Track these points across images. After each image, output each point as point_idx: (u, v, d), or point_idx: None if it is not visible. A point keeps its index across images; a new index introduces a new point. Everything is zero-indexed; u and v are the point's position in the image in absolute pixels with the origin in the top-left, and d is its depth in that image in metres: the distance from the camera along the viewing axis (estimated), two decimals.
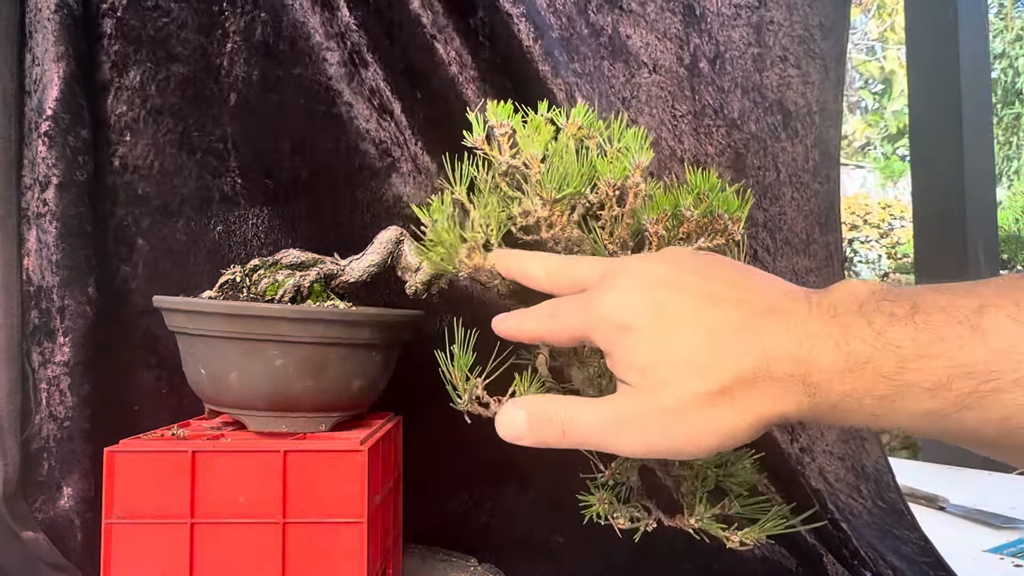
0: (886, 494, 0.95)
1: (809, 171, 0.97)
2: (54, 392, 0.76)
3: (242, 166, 0.87)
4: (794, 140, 0.97)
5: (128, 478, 0.59)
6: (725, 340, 0.37)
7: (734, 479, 0.53)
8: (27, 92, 0.77)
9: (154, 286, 0.83)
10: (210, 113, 0.85)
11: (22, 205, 0.76)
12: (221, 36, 0.86)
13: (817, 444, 0.94)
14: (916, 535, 0.91)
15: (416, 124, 0.90)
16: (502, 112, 0.54)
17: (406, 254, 0.69)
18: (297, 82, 0.88)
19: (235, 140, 0.86)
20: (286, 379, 0.62)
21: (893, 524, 0.92)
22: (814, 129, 0.98)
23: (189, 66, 0.84)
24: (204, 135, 0.85)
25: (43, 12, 0.76)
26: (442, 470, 0.95)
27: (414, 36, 0.84)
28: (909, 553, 0.87)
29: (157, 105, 0.83)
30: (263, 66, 0.87)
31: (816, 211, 0.98)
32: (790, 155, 0.96)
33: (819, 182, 0.98)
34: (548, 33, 0.80)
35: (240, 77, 0.86)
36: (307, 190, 0.90)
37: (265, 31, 0.87)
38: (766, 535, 0.50)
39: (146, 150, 0.82)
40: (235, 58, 0.86)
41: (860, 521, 0.88)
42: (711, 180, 0.51)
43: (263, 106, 0.87)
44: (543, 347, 0.57)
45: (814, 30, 0.99)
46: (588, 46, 0.88)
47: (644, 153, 0.50)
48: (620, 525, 0.54)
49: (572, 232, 0.52)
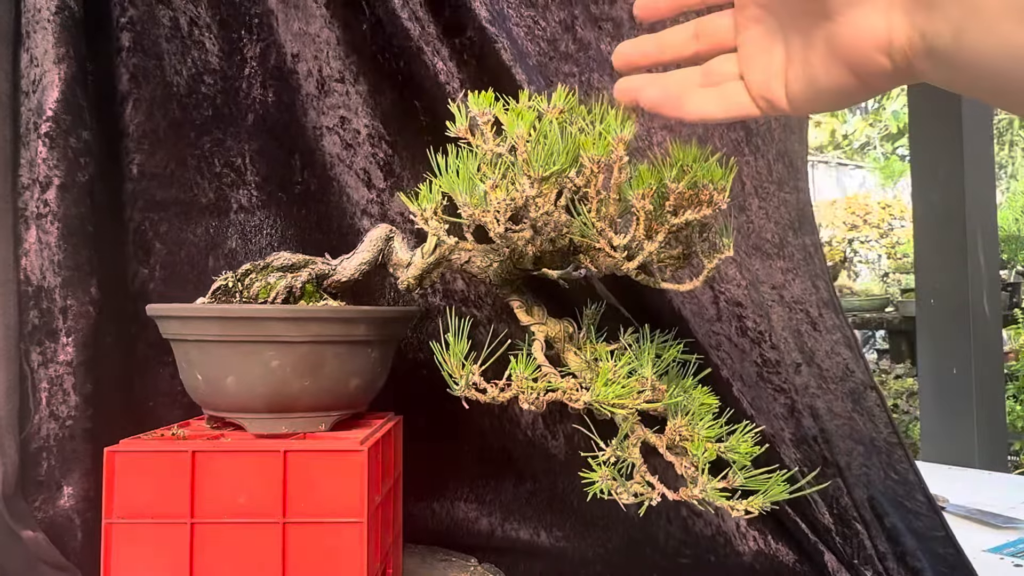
0: (899, 465, 0.96)
1: (774, 182, 1.01)
2: (56, 391, 0.76)
3: (258, 179, 0.91)
4: (756, 155, 1.00)
5: (128, 478, 0.59)
6: None
7: (735, 451, 0.54)
8: (24, 93, 0.77)
9: (171, 288, 0.85)
10: (230, 131, 0.89)
11: (19, 205, 0.76)
12: (240, 61, 0.90)
13: (822, 424, 0.95)
14: (928, 507, 0.92)
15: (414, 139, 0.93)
16: (484, 100, 0.55)
17: (397, 251, 0.69)
18: (306, 102, 0.91)
19: (252, 155, 0.91)
20: (283, 380, 0.62)
21: (905, 496, 0.92)
22: (775, 143, 1.02)
23: (212, 85, 0.88)
24: (223, 150, 0.89)
25: (42, 13, 0.76)
26: (442, 470, 0.95)
27: (405, 52, 0.86)
28: (921, 528, 0.88)
29: (178, 119, 0.86)
30: (277, 89, 0.91)
31: (787, 218, 1.02)
32: (753, 168, 1.00)
33: (786, 192, 1.02)
34: (525, 61, 0.83)
35: (257, 99, 0.91)
36: (316, 200, 0.93)
37: (278, 57, 0.91)
38: (770, 502, 0.51)
39: (165, 159, 0.85)
40: (253, 81, 0.90)
41: (875, 490, 0.89)
42: (693, 151, 0.51)
43: (277, 125, 0.91)
44: (538, 334, 0.57)
45: None
46: (576, 62, 0.90)
47: (626, 128, 0.50)
48: (624, 500, 0.54)
49: (560, 216, 0.53)
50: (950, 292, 2.17)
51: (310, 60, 0.92)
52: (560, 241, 0.55)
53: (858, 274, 5.65)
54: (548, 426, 0.92)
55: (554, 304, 0.66)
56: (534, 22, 0.89)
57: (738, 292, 0.91)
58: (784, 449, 0.86)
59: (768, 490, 0.51)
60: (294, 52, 0.92)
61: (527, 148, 0.50)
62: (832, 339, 0.99)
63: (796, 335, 0.96)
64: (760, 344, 0.91)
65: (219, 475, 0.60)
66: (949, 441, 2.17)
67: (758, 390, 0.90)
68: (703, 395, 0.58)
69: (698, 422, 0.55)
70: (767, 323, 0.92)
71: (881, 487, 0.90)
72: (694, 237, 0.55)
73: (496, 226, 0.51)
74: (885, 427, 0.97)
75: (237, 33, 0.90)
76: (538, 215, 0.51)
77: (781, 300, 0.96)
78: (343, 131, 0.92)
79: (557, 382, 0.54)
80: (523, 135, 0.50)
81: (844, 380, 0.98)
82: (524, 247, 0.55)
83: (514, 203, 0.50)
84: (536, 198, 0.50)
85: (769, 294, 0.95)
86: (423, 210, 0.55)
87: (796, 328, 0.96)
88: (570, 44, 0.90)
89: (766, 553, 0.88)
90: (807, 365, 0.96)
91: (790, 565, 0.87)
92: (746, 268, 0.93)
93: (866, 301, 4.38)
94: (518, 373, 0.53)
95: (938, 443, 2.22)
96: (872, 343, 5.47)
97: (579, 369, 0.55)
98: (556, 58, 0.89)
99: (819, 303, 0.99)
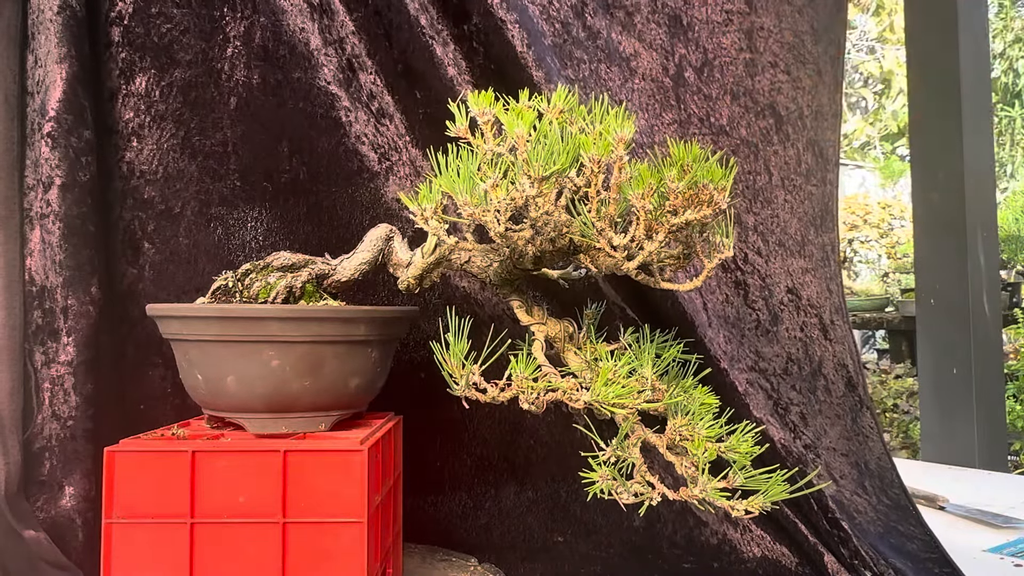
0: (890, 490, 0.95)
1: (802, 174, 0.98)
2: (58, 391, 0.76)
3: (242, 169, 0.88)
4: (786, 144, 0.97)
5: (128, 478, 0.59)
6: None
7: (736, 451, 0.54)
8: (29, 93, 0.77)
9: (160, 288, 0.85)
10: (211, 117, 0.86)
11: (24, 206, 0.77)
12: (222, 41, 0.87)
13: (821, 440, 0.94)
14: (921, 531, 0.91)
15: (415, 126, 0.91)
16: (484, 101, 0.55)
17: (397, 250, 0.69)
18: (296, 86, 0.89)
19: (235, 143, 0.88)
20: (283, 379, 0.62)
21: (898, 520, 0.92)
22: (806, 132, 0.99)
23: (191, 71, 0.85)
24: (205, 139, 0.86)
25: (45, 14, 0.76)
26: (442, 470, 0.95)
27: (412, 38, 0.84)
28: (914, 550, 0.87)
29: (161, 111, 0.84)
30: (263, 70, 0.88)
31: (810, 213, 0.98)
32: (782, 158, 0.97)
33: (813, 184, 0.99)
34: (540, 40, 0.81)
35: (240, 81, 0.88)
36: (306, 191, 0.91)
37: (264, 36, 0.88)
38: (770, 503, 0.51)
39: (151, 155, 0.84)
40: (236, 63, 0.87)
41: (865, 518, 0.88)
42: (693, 151, 0.51)
43: (264, 109, 0.88)
44: (538, 334, 0.57)
45: (804, 35, 1.00)
46: (585, 49, 0.89)
47: (626, 127, 0.50)
48: (624, 500, 0.54)
49: (560, 216, 0.53)
50: (950, 292, 2.17)
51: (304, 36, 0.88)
52: (560, 241, 0.55)
53: (858, 274, 5.64)
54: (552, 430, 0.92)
55: (554, 304, 0.66)
56: (548, 2, 0.88)
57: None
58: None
59: (768, 490, 0.51)
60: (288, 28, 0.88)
61: (527, 148, 0.50)
62: (839, 350, 0.97)
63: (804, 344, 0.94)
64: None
65: (219, 475, 0.60)
66: (949, 441, 2.17)
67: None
68: (703, 395, 0.58)
69: (698, 422, 0.55)
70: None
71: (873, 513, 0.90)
72: (694, 237, 0.55)
73: (496, 225, 0.51)
74: (878, 448, 0.97)
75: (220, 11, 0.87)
76: (538, 215, 0.51)
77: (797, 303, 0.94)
78: (336, 113, 0.90)
79: (557, 382, 0.54)
80: (523, 135, 0.50)
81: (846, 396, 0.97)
82: (524, 247, 0.55)
83: (514, 202, 0.50)
84: (536, 197, 0.50)
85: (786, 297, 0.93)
86: (423, 210, 0.55)
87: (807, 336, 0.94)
88: (580, 31, 0.89)
89: (770, 559, 0.87)
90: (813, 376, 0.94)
91: (792, 569, 0.86)
92: (762, 272, 0.91)
93: (866, 301, 4.37)
94: (518, 373, 0.53)
95: (938, 443, 2.22)
96: (872, 343, 5.47)
97: (579, 369, 0.56)
98: (569, 42, 0.88)
99: (832, 309, 0.97)
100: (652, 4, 0.92)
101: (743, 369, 0.87)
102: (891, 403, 3.69)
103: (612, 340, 0.62)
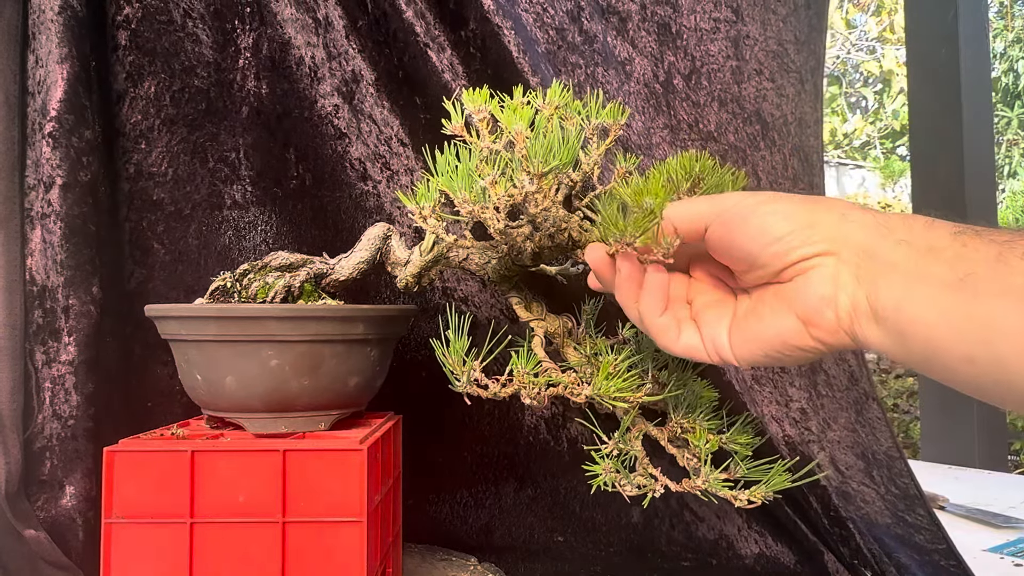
0: (899, 480, 0.95)
1: (789, 178, 1.01)
2: (59, 391, 0.76)
3: (253, 174, 0.90)
4: (772, 149, 1.00)
5: (128, 478, 0.59)
6: None
7: (737, 442, 0.54)
8: (30, 93, 0.78)
9: (171, 288, 0.85)
10: (224, 125, 0.88)
11: (25, 205, 0.77)
12: (234, 52, 0.89)
13: (826, 434, 0.94)
14: (928, 520, 0.91)
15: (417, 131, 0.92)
16: (479, 98, 0.55)
17: (394, 249, 0.69)
18: (301, 95, 0.90)
19: (246, 150, 0.89)
20: (282, 379, 0.62)
21: (906, 510, 0.92)
22: (791, 138, 1.01)
23: (201, 79, 0.87)
24: (217, 145, 0.88)
25: (46, 14, 0.76)
26: (442, 470, 0.95)
27: (409, 46, 0.85)
28: (921, 542, 0.88)
29: (172, 115, 0.86)
30: (271, 80, 0.90)
31: None
32: (769, 163, 0.99)
33: (801, 188, 1.02)
34: (535, 48, 0.82)
35: (251, 91, 0.89)
36: (311, 196, 0.92)
37: (272, 47, 0.90)
38: (773, 491, 0.51)
39: (160, 157, 0.85)
40: (247, 73, 0.89)
41: (873, 508, 0.88)
42: (705, 161, 0.52)
43: (272, 118, 0.90)
44: (538, 330, 0.57)
45: (788, 45, 1.02)
46: (581, 54, 0.90)
47: (624, 117, 0.50)
48: (628, 493, 0.54)
49: (559, 211, 0.53)
50: None
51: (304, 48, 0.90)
52: (559, 236, 0.55)
53: None
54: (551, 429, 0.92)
55: (553, 300, 0.66)
56: (543, 9, 0.89)
57: None
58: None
59: (770, 480, 0.51)
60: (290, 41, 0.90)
61: (526, 144, 0.50)
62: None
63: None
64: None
65: (218, 475, 0.60)
66: (949, 441, 2.16)
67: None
68: (703, 388, 0.58)
69: (699, 415, 0.55)
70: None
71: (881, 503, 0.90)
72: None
73: (496, 222, 0.51)
74: (886, 440, 0.97)
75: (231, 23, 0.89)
76: (537, 211, 0.51)
77: None
78: (338, 122, 0.91)
79: (558, 377, 0.54)
80: (522, 131, 0.50)
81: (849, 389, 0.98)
82: (523, 243, 0.55)
83: (513, 199, 0.50)
84: (535, 194, 0.50)
85: None
86: (421, 208, 0.55)
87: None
88: (576, 36, 0.90)
89: (769, 556, 0.88)
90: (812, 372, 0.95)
91: (791, 567, 0.87)
92: None
93: None
94: (519, 369, 0.53)
95: (938, 443, 2.21)
96: None
97: (579, 364, 0.56)
98: (564, 48, 0.89)
99: None
100: (642, 12, 0.94)
101: None
102: (891, 403, 3.69)
103: (611, 335, 0.62)
